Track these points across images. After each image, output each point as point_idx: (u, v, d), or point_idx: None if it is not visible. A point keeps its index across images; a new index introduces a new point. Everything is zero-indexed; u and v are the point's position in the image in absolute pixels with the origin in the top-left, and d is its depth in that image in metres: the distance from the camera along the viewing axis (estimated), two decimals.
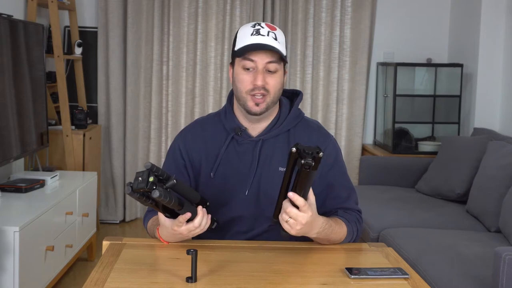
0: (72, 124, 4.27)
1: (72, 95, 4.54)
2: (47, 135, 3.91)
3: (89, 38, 4.81)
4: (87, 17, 4.84)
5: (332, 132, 4.89)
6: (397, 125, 4.68)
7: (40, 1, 4.07)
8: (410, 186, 4.24)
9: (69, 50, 4.62)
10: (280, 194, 1.59)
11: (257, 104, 1.77)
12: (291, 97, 1.94)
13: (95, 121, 4.81)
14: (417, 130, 4.80)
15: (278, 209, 1.60)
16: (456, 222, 3.44)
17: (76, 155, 4.20)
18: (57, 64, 4.14)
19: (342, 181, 1.89)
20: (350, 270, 1.55)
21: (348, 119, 4.92)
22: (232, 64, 1.84)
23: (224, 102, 4.77)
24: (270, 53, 1.75)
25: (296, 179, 1.53)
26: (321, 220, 1.67)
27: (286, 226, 1.58)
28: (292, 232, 1.59)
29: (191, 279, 1.47)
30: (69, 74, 4.64)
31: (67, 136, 4.14)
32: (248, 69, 1.77)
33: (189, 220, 1.61)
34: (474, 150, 3.77)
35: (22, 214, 2.99)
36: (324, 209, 1.86)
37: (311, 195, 1.59)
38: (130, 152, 4.85)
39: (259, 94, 1.76)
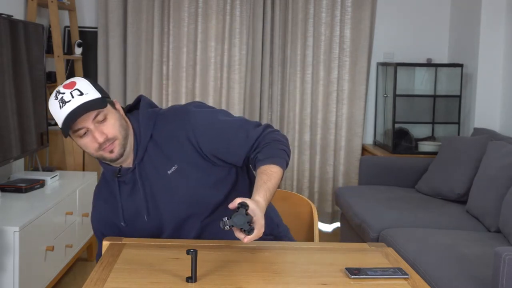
0: None
1: None
2: (47, 135, 3.91)
3: (89, 38, 4.81)
4: (87, 17, 4.84)
5: (332, 132, 4.89)
6: (397, 125, 4.68)
7: (40, 1, 4.07)
8: (410, 186, 4.23)
9: (69, 50, 4.62)
10: None
11: (111, 151, 1.76)
12: (138, 105, 1.88)
13: None
14: (417, 130, 4.80)
15: None
16: (456, 222, 3.44)
17: (76, 155, 4.20)
18: (57, 64, 4.14)
19: (226, 129, 1.82)
20: (350, 270, 1.55)
21: (348, 119, 4.92)
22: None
23: (224, 102, 4.78)
24: (88, 112, 1.70)
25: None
26: (260, 197, 1.64)
27: (257, 233, 1.56)
28: (261, 229, 1.57)
29: (191, 279, 1.47)
30: (69, 74, 4.63)
31: None
32: (84, 133, 1.73)
33: None
34: (474, 150, 3.77)
35: (22, 214, 2.99)
36: (250, 162, 1.83)
37: (248, 201, 1.56)
38: None
39: (107, 146, 1.74)
